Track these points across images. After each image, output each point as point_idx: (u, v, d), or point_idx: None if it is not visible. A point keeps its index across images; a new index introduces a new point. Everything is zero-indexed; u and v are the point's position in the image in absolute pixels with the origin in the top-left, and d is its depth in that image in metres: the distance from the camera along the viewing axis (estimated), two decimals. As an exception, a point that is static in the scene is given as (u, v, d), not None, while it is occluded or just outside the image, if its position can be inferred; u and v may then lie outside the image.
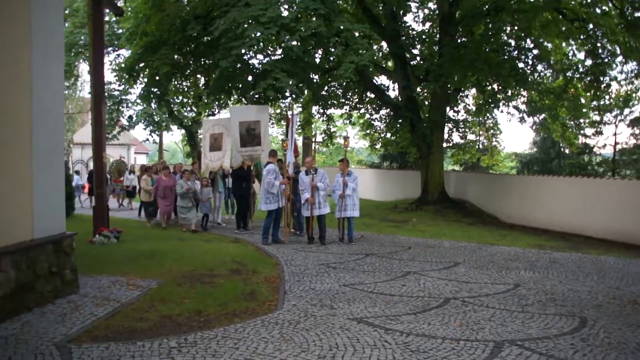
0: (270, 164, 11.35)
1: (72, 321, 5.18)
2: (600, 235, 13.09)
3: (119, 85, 25.45)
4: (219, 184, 14.17)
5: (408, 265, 8.88)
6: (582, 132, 22.71)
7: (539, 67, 18.58)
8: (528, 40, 17.42)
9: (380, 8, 18.64)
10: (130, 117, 27.94)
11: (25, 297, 5.34)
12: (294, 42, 13.17)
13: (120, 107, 26.77)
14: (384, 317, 5.67)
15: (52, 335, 4.77)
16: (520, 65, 17.24)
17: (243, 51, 13.54)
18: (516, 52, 17.33)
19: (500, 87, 19.75)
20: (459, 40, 17.05)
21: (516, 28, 16.67)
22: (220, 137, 13.69)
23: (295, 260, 9.14)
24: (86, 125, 32.90)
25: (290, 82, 13.15)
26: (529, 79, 17.52)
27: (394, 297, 6.62)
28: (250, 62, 15.32)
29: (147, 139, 30.10)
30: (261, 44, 14.83)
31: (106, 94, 26.11)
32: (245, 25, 12.51)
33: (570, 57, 18.82)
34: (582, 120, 21.10)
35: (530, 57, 17.39)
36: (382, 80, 22.53)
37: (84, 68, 32.03)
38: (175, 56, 16.33)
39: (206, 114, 24.84)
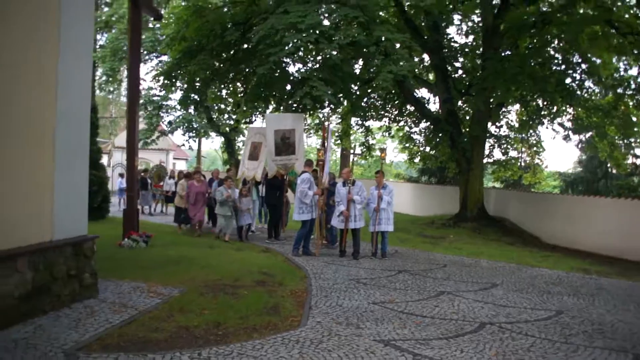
0: (305, 173, 11.12)
1: (85, 327, 4.99)
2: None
3: (160, 91, 25.78)
4: (253, 192, 13.94)
5: (442, 285, 8.43)
6: (632, 152, 21.66)
7: (587, 83, 17.80)
8: (576, 55, 16.69)
9: (422, 19, 18.26)
10: (170, 122, 28.21)
11: (41, 300, 5.19)
12: (332, 51, 12.91)
13: (160, 113, 27.03)
14: (414, 341, 5.27)
15: (63, 342, 4.57)
16: (567, 80, 16.54)
17: (281, 59, 13.34)
18: (563, 66, 16.63)
19: (545, 103, 19.03)
20: (502, 54, 16.48)
21: (563, 42, 15.99)
22: (260, 147, 13.45)
23: (324, 274, 8.81)
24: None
25: (328, 91, 12.90)
26: (576, 95, 16.77)
27: (426, 319, 6.21)
28: (287, 69, 15.16)
29: (184, 144, 30.30)
30: (300, 52, 14.70)
31: (147, 99, 26.71)
32: (284, 33, 12.33)
33: (622, 73, 17.98)
34: (632, 140, 20.09)
35: (578, 72, 16.65)
36: (422, 93, 22.13)
37: (126, 73, 32.59)
38: (214, 62, 16.31)
39: (244, 121, 24.94)
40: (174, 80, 17.92)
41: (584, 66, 16.76)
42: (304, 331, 5.42)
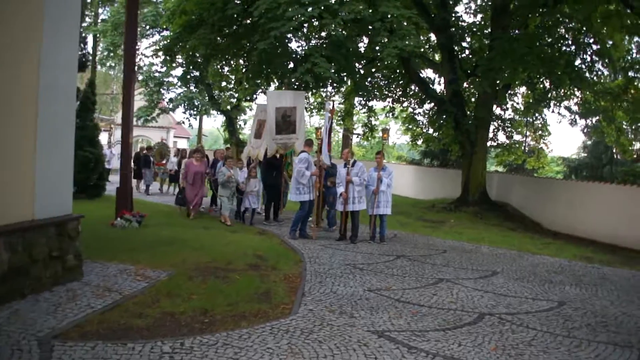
0: (304, 152, 10.85)
1: (64, 313, 4.75)
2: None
3: (161, 67, 25.37)
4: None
5: (441, 272, 8.18)
6: (639, 137, 21.24)
7: (597, 66, 17.29)
8: (587, 36, 16.17)
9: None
10: (171, 99, 27.83)
11: (18, 283, 4.94)
12: (336, 27, 12.50)
13: (160, 90, 26.63)
14: (409, 332, 5.03)
15: (39, 328, 4.34)
16: (577, 62, 16.09)
17: (283, 34, 12.91)
18: (573, 47, 16.14)
19: (552, 86, 18.59)
20: (511, 34, 16.01)
21: (574, 22, 15.47)
22: (264, 125, 13.06)
23: (320, 258, 8.57)
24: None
25: (331, 69, 12.53)
26: (585, 78, 16.32)
27: (423, 308, 5.97)
28: (289, 46, 14.75)
29: (183, 122, 29.94)
30: (304, 28, 14.30)
31: (148, 76, 26.31)
32: (286, 7, 11.92)
33: (634, 55, 17.47)
34: (638, 125, 19.68)
35: (589, 53, 16.15)
36: (427, 74, 21.66)
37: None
38: (215, 38, 15.87)
39: (245, 99, 24.54)
40: (174, 55, 17.53)
41: (594, 47, 16.25)
42: (295, 320, 5.18)
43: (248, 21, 15.45)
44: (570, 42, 16.07)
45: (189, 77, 18.54)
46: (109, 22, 26.47)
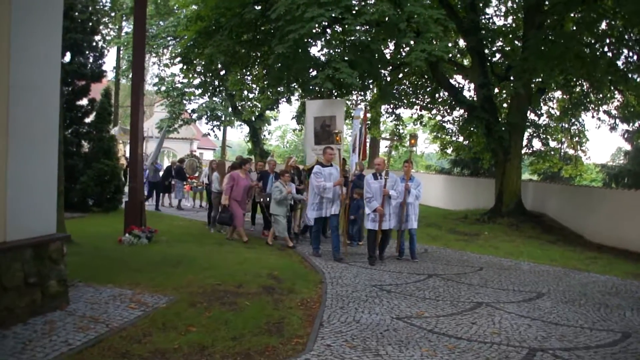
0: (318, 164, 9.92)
1: (33, 352, 4.00)
2: None
3: (183, 77, 25.01)
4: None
5: (479, 293, 7.26)
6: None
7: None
8: (630, 33, 15.00)
9: (458, -2, 16.91)
10: (193, 110, 27.46)
11: (-16, 316, 4.24)
12: (358, 27, 11.73)
13: (183, 100, 26.28)
14: (447, 377, 4.17)
15: (-2, 374, 3.62)
16: (620, 62, 14.98)
17: (302, 37, 12.17)
18: (615, 46, 14.99)
19: (591, 88, 17.45)
20: (547, 32, 14.99)
21: (618, 19, 14.34)
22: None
23: (343, 278, 7.73)
24: (149, 119, 32.84)
25: (353, 75, 11.74)
26: (630, 79, 15.17)
27: (461, 342, 5.07)
28: (309, 50, 13.99)
29: (208, 134, 29.53)
30: (327, 34, 13.57)
31: (170, 86, 25.98)
32: (305, 8, 11.20)
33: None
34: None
35: (635, 51, 14.96)
36: (457, 79, 20.70)
37: (150, 61, 32.00)
38: (233, 45, 15.25)
39: (268, 108, 23.95)
40: (192, 63, 16.99)
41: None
42: (309, 359, 4.36)
43: (267, 27, 14.82)
44: (613, 40, 14.93)
45: (208, 86, 17.91)
46: (131, 34, 26.31)
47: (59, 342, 4.26)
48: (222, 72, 17.55)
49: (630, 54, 15.30)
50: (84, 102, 14.80)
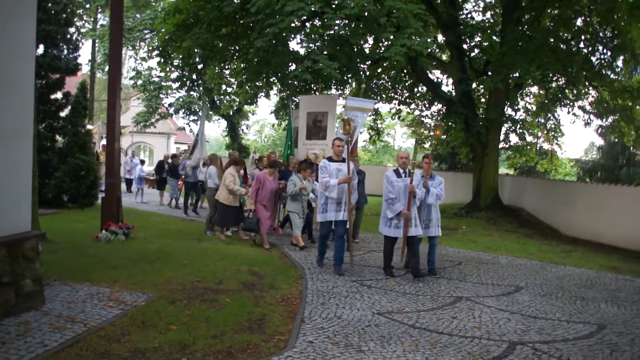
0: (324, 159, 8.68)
1: (7, 355, 3.89)
2: (686, 258, 11.09)
3: (160, 71, 24.69)
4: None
5: (459, 288, 7.31)
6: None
7: (617, 62, 16.35)
8: (605, 30, 15.23)
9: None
10: (170, 104, 27.14)
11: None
12: (338, 21, 11.68)
13: (159, 94, 25.95)
14: (429, 372, 4.18)
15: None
16: (594, 58, 15.20)
17: (281, 31, 12.08)
18: (590, 43, 15.21)
19: (567, 84, 17.68)
20: (524, 28, 15.14)
21: (593, 16, 14.55)
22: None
23: (323, 274, 7.71)
24: (126, 113, 32.37)
25: (332, 65, 11.67)
26: (604, 74, 15.40)
27: (442, 337, 5.10)
28: (288, 44, 13.91)
29: (184, 127, 29.22)
30: (306, 28, 13.48)
31: (146, 80, 25.62)
32: (285, 0, 11.11)
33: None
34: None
35: (609, 48, 15.20)
36: (435, 74, 20.79)
37: (127, 55, 31.52)
38: (211, 38, 15.07)
39: (247, 103, 23.76)
40: (169, 56, 16.74)
41: (615, 42, 15.29)
42: (291, 357, 4.33)
43: (246, 20, 14.67)
44: (588, 37, 15.14)
45: (186, 80, 17.69)
46: (106, 27, 25.85)
47: (34, 343, 4.15)
48: (200, 66, 17.36)
49: (605, 50, 15.55)
50: (58, 95, 14.45)
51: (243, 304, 5.72)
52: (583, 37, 15.18)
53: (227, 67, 19.26)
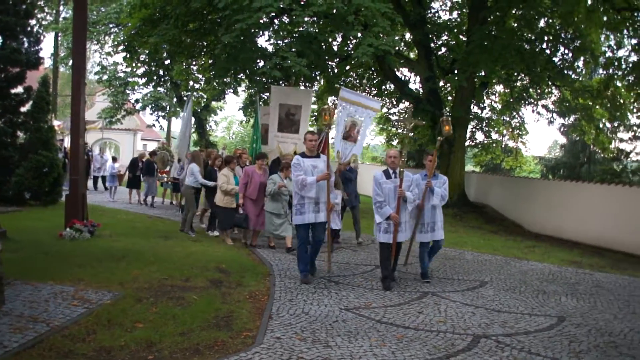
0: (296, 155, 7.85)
1: (-36, 357, 3.82)
2: (640, 253, 11.50)
3: (126, 67, 24.27)
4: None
5: (425, 283, 7.42)
6: (616, 136, 20.90)
7: (578, 62, 16.85)
8: (567, 31, 15.69)
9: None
10: (137, 100, 26.69)
11: None
12: (306, 18, 11.69)
13: (126, 90, 25.49)
14: (395, 366, 4.24)
15: None
16: (557, 59, 15.60)
17: (249, 27, 12.02)
18: (552, 44, 15.62)
19: (531, 83, 18.10)
20: (490, 27, 15.44)
21: (555, 18, 14.94)
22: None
23: (291, 270, 7.73)
24: (91, 109, 31.77)
25: (301, 62, 11.67)
26: (566, 74, 15.83)
27: (409, 331, 5.17)
28: (256, 40, 13.85)
29: (154, 125, 28.80)
30: (274, 24, 13.45)
31: (112, 75, 25.15)
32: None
33: (609, 54, 17.09)
34: (618, 123, 19.33)
35: (570, 48, 15.66)
36: (403, 72, 21.04)
37: (92, 49, 30.91)
38: (179, 34, 14.89)
39: (214, 99, 23.57)
40: (135, 52, 16.48)
41: (576, 43, 15.75)
42: (259, 353, 4.33)
43: (214, 16, 14.54)
44: (550, 38, 15.55)
45: (153, 75, 17.45)
46: (69, 19, 25.29)
47: (-7, 344, 4.07)
48: (167, 62, 17.15)
49: (566, 51, 15.99)
50: (19, 90, 14.06)
51: (210, 301, 5.70)
52: (546, 38, 15.58)
53: (194, 63, 19.07)
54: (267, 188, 9.19)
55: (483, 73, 16.27)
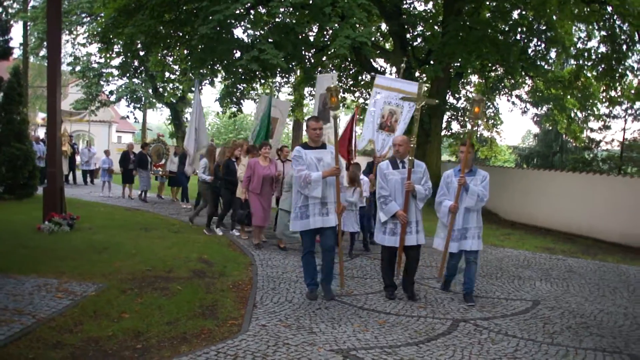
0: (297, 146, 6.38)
1: (-49, 351, 3.84)
2: (611, 239, 11.84)
3: (99, 57, 23.91)
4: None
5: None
6: (587, 125, 21.42)
7: (551, 53, 17.18)
8: (539, 23, 15.99)
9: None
10: (111, 92, 26.32)
11: None
12: (282, 9, 11.70)
13: (100, 81, 25.10)
14: (378, 350, 4.37)
15: None
16: (530, 50, 15.90)
17: (227, 18, 11.97)
18: (526, 35, 15.91)
19: (505, 74, 18.40)
20: (465, 18, 15.64)
21: (528, 9, 15.21)
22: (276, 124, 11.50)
23: (273, 260, 7.83)
24: (64, 100, 31.19)
25: (279, 55, 11.67)
26: (538, 65, 16.14)
27: (390, 317, 5.32)
28: (234, 32, 13.81)
29: (128, 116, 28.45)
30: (251, 15, 13.42)
31: (85, 66, 24.75)
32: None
33: (580, 45, 17.49)
34: (588, 113, 19.81)
35: (543, 40, 15.97)
36: (379, 63, 21.17)
37: (63, 39, 30.29)
38: (155, 24, 14.74)
39: (191, 90, 23.36)
40: (110, 43, 16.27)
41: (548, 34, 16.06)
42: (245, 340, 4.42)
43: (190, 7, 14.43)
44: (524, 29, 15.83)
45: (128, 67, 17.24)
46: (39, 8, 24.77)
47: (-20, 337, 4.08)
48: (143, 53, 16.96)
49: (539, 42, 16.29)
50: (-13, 81, 13.78)
51: (195, 291, 5.77)
52: (519, 30, 15.83)
53: (170, 54, 18.89)
54: (285, 179, 8.39)
55: (458, 64, 16.49)
